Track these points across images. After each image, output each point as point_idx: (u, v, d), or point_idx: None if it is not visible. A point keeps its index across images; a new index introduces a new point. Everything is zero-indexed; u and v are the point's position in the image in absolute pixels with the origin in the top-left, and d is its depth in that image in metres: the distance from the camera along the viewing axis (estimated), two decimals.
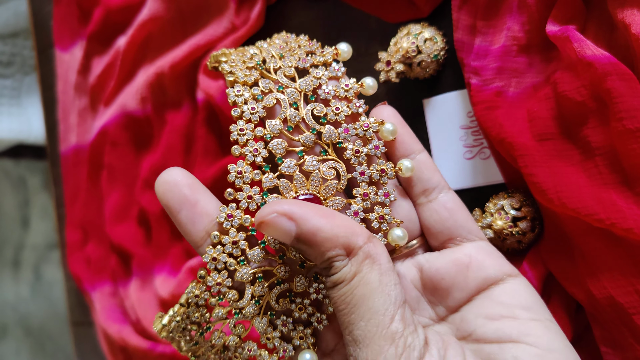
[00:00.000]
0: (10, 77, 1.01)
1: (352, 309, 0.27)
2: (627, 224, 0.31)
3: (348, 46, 0.35)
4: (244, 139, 0.32)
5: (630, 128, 0.31)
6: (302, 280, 0.32)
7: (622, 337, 0.34)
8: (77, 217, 0.68)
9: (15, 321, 1.58)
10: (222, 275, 0.31)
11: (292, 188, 0.32)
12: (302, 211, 0.28)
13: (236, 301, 0.31)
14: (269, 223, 0.28)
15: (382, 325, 0.27)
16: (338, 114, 0.33)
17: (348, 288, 0.28)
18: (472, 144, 0.42)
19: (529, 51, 0.38)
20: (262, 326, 0.32)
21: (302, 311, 0.32)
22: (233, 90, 0.32)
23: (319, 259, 0.29)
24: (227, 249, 0.31)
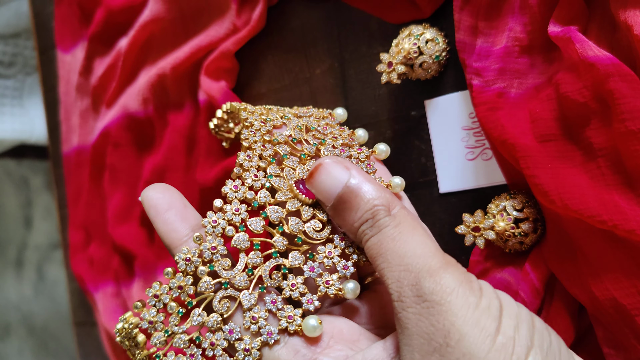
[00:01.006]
0: (12, 78, 1.01)
1: (402, 243, 0.28)
2: (630, 225, 0.31)
3: (344, 110, 0.42)
4: (254, 138, 0.34)
5: (632, 129, 0.31)
6: (297, 255, 0.32)
7: (624, 338, 0.34)
8: (79, 218, 0.68)
9: (18, 321, 1.59)
10: (218, 240, 0.31)
11: (295, 175, 0.33)
12: (354, 166, 0.31)
13: (227, 270, 0.31)
14: (327, 166, 0.31)
15: (439, 253, 0.28)
16: (335, 141, 0.36)
17: (394, 230, 0.29)
18: (474, 145, 0.41)
19: (531, 52, 0.38)
20: (249, 301, 0.31)
21: (295, 288, 0.31)
22: (246, 113, 0.37)
23: (363, 209, 0.30)
24: (227, 216, 0.31)
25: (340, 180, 0.30)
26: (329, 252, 0.32)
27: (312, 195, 0.33)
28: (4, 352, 1.62)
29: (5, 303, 1.61)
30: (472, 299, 0.25)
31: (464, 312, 0.25)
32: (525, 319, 0.26)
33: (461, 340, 0.24)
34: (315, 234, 0.32)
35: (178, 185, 0.56)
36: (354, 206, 0.30)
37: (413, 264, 0.27)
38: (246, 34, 0.51)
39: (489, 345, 0.24)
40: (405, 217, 0.29)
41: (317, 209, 0.33)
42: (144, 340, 0.31)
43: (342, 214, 0.31)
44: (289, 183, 0.33)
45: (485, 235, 0.38)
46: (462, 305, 0.25)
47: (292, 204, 0.32)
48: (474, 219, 0.38)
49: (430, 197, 0.44)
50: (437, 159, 0.43)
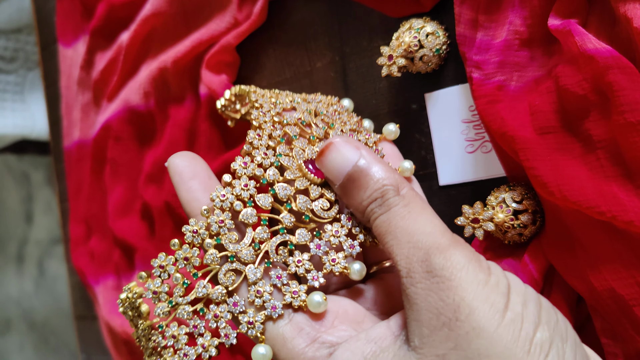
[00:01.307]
0: (14, 73, 1.01)
1: (411, 221, 0.28)
2: (628, 216, 0.31)
3: (350, 101, 0.43)
4: (264, 119, 0.35)
5: (631, 121, 0.31)
6: (304, 232, 0.32)
7: (622, 328, 0.34)
8: (80, 212, 0.68)
9: (19, 316, 1.59)
10: (225, 214, 0.31)
11: (303, 156, 0.34)
12: (363, 146, 0.32)
13: (234, 243, 0.31)
14: (337, 145, 0.31)
15: (448, 233, 0.28)
16: (343, 126, 0.37)
17: (403, 209, 0.29)
18: (473, 137, 0.42)
19: (531, 45, 0.38)
20: (255, 275, 0.31)
21: (301, 264, 0.31)
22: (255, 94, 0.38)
23: (372, 188, 0.30)
24: (236, 191, 0.32)
25: (350, 160, 0.31)
26: (335, 230, 0.32)
27: (320, 174, 0.33)
28: (5, 347, 1.62)
29: (6, 298, 1.61)
30: (482, 276, 0.26)
31: (474, 288, 0.25)
32: (533, 297, 0.26)
33: (471, 314, 0.25)
34: (322, 212, 0.32)
35: None
36: (363, 185, 0.30)
37: (422, 241, 0.27)
38: (247, 28, 0.51)
39: (499, 320, 0.24)
40: (414, 197, 0.30)
41: (325, 189, 0.33)
42: (147, 310, 0.32)
43: (351, 193, 0.31)
44: (297, 162, 0.33)
45: (484, 227, 0.38)
46: (472, 281, 0.25)
47: (300, 183, 0.33)
48: (473, 211, 0.38)
49: (430, 189, 0.44)
50: (437, 151, 0.43)
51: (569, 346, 0.25)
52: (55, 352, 1.51)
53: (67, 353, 1.48)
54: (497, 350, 0.24)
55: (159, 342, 0.31)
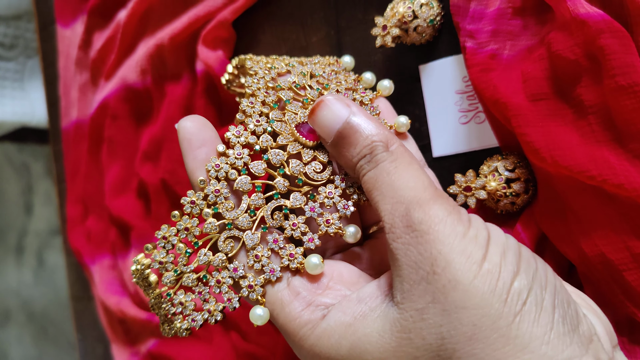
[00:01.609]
0: (13, 60, 1.01)
1: (396, 176, 0.29)
2: (618, 179, 0.32)
3: (351, 58, 0.42)
4: (257, 85, 0.35)
5: (623, 84, 0.31)
6: (298, 196, 0.32)
7: (613, 294, 0.34)
8: (77, 192, 0.68)
9: (18, 307, 1.59)
10: (221, 184, 0.32)
11: (297, 119, 0.34)
12: (354, 104, 0.32)
13: (230, 211, 0.32)
14: (327, 103, 0.31)
15: (431, 187, 0.28)
16: (339, 86, 0.36)
17: (390, 164, 0.29)
18: (467, 108, 0.42)
19: (523, 14, 0.38)
20: (252, 241, 0.32)
21: (295, 229, 0.32)
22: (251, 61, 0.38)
23: (361, 144, 0.30)
24: (230, 160, 0.32)
25: (340, 116, 0.31)
26: (329, 192, 0.32)
27: (312, 137, 0.33)
28: (4, 338, 1.62)
29: (5, 289, 1.61)
30: (460, 229, 0.26)
31: (451, 241, 0.25)
32: (513, 247, 0.26)
33: (447, 267, 0.25)
34: (315, 175, 0.33)
35: (175, 156, 0.56)
36: (352, 142, 0.30)
37: (404, 196, 0.28)
38: (243, 3, 0.51)
39: (475, 271, 0.25)
40: (402, 153, 0.30)
41: (318, 151, 0.33)
42: (155, 280, 0.32)
43: (342, 150, 0.31)
44: (290, 127, 0.33)
45: (476, 195, 0.38)
46: (449, 233, 0.26)
47: (293, 147, 0.33)
48: (466, 179, 0.38)
49: (424, 161, 0.44)
50: (430, 123, 0.43)
51: (548, 292, 0.25)
52: (54, 342, 1.51)
53: (66, 343, 1.48)
54: (474, 302, 0.24)
55: (168, 309, 0.32)
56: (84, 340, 0.73)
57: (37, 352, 1.55)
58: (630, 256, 0.33)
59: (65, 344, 1.48)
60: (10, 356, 1.60)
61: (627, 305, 0.33)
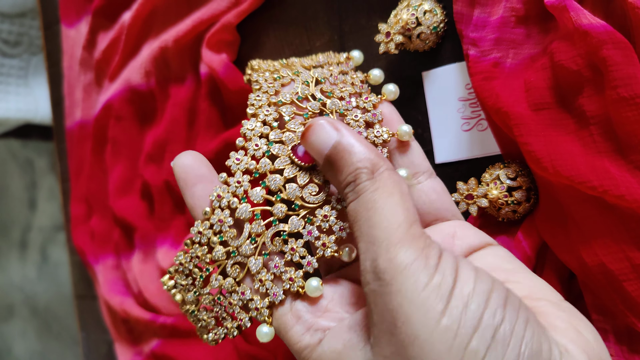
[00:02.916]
0: (18, 57, 1.02)
1: (373, 212, 0.28)
2: (619, 190, 0.32)
3: (360, 53, 0.41)
4: (259, 103, 0.35)
5: (624, 96, 0.32)
6: (296, 220, 0.33)
7: (612, 303, 0.34)
8: (81, 191, 0.69)
9: (21, 302, 1.60)
10: (224, 214, 0.33)
11: (295, 140, 0.34)
12: (345, 126, 0.31)
13: (234, 239, 0.33)
14: (316, 127, 0.31)
15: (403, 226, 0.27)
16: (343, 91, 0.37)
17: (371, 196, 0.29)
18: (469, 115, 0.42)
19: (527, 22, 0.38)
20: (256, 266, 0.33)
21: (294, 252, 0.33)
22: (256, 73, 0.38)
23: (346, 171, 0.30)
24: (231, 189, 0.33)
25: (328, 140, 0.31)
26: (324, 215, 0.33)
27: (307, 159, 0.33)
28: (8, 333, 1.63)
29: (9, 284, 1.62)
30: (423, 278, 0.25)
31: (411, 294, 0.25)
32: (480, 297, 0.25)
33: (406, 322, 0.24)
34: (311, 197, 0.33)
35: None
36: (339, 167, 0.30)
37: (377, 237, 0.27)
38: (247, 7, 0.52)
39: (433, 327, 0.24)
40: (386, 180, 0.29)
41: (314, 173, 0.33)
42: (180, 299, 0.36)
43: (331, 175, 0.31)
44: (288, 149, 0.34)
45: (478, 203, 0.38)
46: (411, 285, 0.25)
47: (289, 170, 0.33)
48: (468, 187, 0.38)
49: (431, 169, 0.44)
50: (433, 130, 0.43)
51: (510, 348, 0.24)
52: (58, 337, 1.52)
53: (69, 339, 1.49)
54: (431, 359, 0.24)
55: (196, 323, 0.36)
56: (88, 339, 0.74)
57: (41, 347, 1.56)
58: (631, 267, 0.33)
59: (68, 339, 1.49)
60: (14, 351, 1.61)
61: (626, 315, 0.33)
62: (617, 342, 0.35)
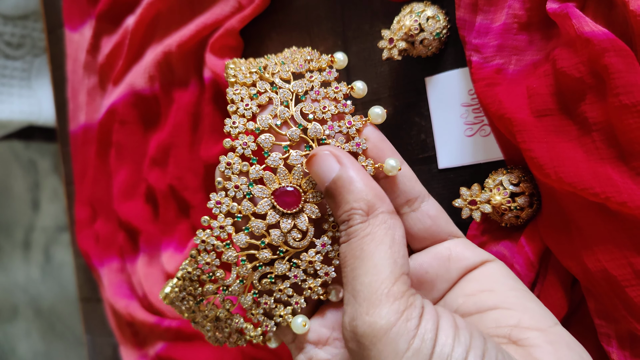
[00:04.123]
0: (21, 59, 1.02)
1: (359, 262, 0.28)
2: (622, 197, 0.32)
3: (344, 55, 0.37)
4: (235, 131, 0.34)
5: (626, 103, 0.32)
6: (282, 265, 0.33)
7: (615, 309, 0.34)
8: (86, 195, 0.69)
9: (25, 302, 1.61)
10: (210, 256, 0.33)
11: (275, 180, 0.33)
12: (348, 160, 0.31)
13: (223, 280, 0.34)
14: (319, 157, 0.31)
15: (386, 283, 0.27)
16: (325, 112, 0.34)
17: (360, 243, 0.28)
18: (472, 121, 0.42)
19: (529, 29, 0.38)
20: (246, 302, 0.34)
21: (282, 293, 0.34)
22: (232, 89, 0.34)
23: (342, 209, 0.30)
24: (215, 232, 0.33)
25: (329, 173, 0.30)
26: (310, 261, 0.33)
27: (288, 205, 0.33)
28: (12, 333, 1.64)
29: (12, 285, 1.63)
30: (402, 345, 0.25)
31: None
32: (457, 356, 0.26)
33: None
34: (295, 243, 0.33)
35: (183, 162, 0.57)
36: (337, 203, 0.30)
37: (360, 292, 0.27)
38: (251, 12, 0.52)
39: None
40: (379, 226, 0.29)
41: (297, 218, 0.33)
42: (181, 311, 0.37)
43: (331, 207, 0.31)
44: (269, 192, 0.33)
45: (481, 209, 0.38)
46: (389, 353, 0.25)
47: (271, 216, 0.33)
48: (471, 193, 0.39)
49: (429, 173, 0.44)
50: (436, 135, 0.44)
51: None
52: (61, 338, 1.53)
53: (73, 339, 1.49)
54: None
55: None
56: (93, 342, 0.74)
57: (45, 347, 1.56)
58: (633, 272, 0.33)
59: (72, 339, 1.50)
60: (18, 351, 1.61)
61: (629, 321, 0.34)
62: (620, 347, 0.35)
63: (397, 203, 0.34)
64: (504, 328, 0.29)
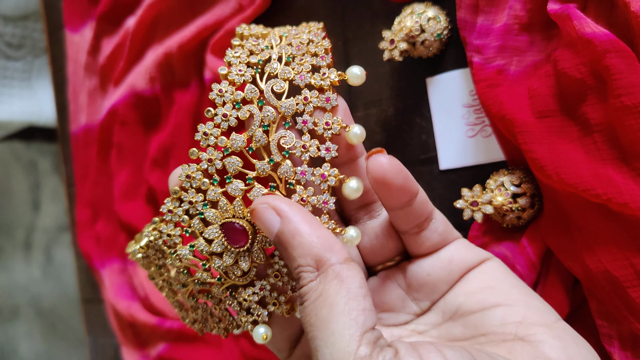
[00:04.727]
0: (21, 60, 1.02)
1: (315, 332, 0.26)
2: (623, 198, 0.32)
3: (361, 70, 0.32)
4: (205, 143, 0.31)
5: (628, 104, 0.32)
6: (219, 289, 0.33)
7: (616, 310, 0.34)
8: (87, 196, 0.69)
9: (26, 303, 1.61)
10: (157, 254, 0.34)
11: (229, 210, 0.31)
12: (290, 211, 0.28)
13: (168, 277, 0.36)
14: (257, 212, 0.29)
15: (347, 352, 0.25)
16: (304, 152, 0.31)
17: (312, 308, 0.26)
18: (474, 122, 0.42)
19: (530, 30, 0.38)
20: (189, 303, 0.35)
21: (217, 309, 0.34)
22: (218, 86, 0.32)
23: (292, 265, 0.28)
24: (163, 237, 0.32)
25: (272, 227, 0.28)
26: (245, 298, 0.32)
27: (236, 242, 0.31)
28: (13, 334, 1.64)
29: (14, 285, 1.63)
30: None
31: None
32: None
33: None
34: (235, 277, 0.32)
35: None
36: (287, 257, 0.28)
37: (324, 354, 0.25)
38: (251, 13, 0.52)
39: None
40: (330, 282, 0.27)
41: (241, 256, 0.31)
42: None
43: (284, 259, 0.29)
44: (221, 219, 0.31)
45: (483, 210, 0.38)
46: None
47: (216, 245, 0.31)
48: (473, 194, 0.39)
49: (431, 173, 0.44)
50: (437, 136, 0.44)
51: None
52: (63, 338, 1.53)
53: (75, 339, 1.49)
54: None
55: None
56: (95, 343, 0.74)
57: (47, 347, 1.56)
58: (634, 273, 0.33)
59: (74, 339, 1.50)
60: (19, 352, 1.61)
61: (631, 321, 0.34)
62: (622, 348, 0.35)
63: (410, 225, 0.33)
64: (509, 325, 0.30)
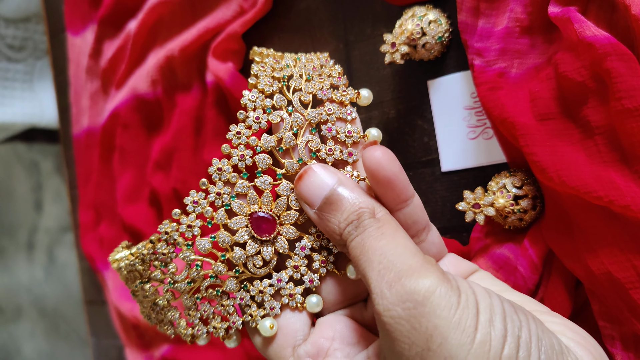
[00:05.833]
0: (23, 62, 1.02)
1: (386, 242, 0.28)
2: (625, 200, 0.32)
3: (369, 92, 0.36)
4: (237, 141, 0.33)
5: (629, 107, 0.32)
6: (233, 283, 0.33)
7: (619, 311, 0.34)
8: (89, 198, 0.69)
9: (29, 303, 1.61)
10: (169, 249, 0.33)
11: (257, 202, 0.33)
12: (341, 173, 0.32)
13: (174, 274, 0.33)
14: (315, 171, 0.32)
15: (419, 254, 0.28)
16: (329, 155, 0.34)
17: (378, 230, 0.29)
18: (475, 124, 0.42)
19: (531, 33, 0.38)
20: (187, 303, 0.34)
21: (223, 309, 0.34)
22: (249, 93, 0.34)
23: (348, 211, 0.30)
24: (181, 229, 0.33)
25: (327, 184, 0.31)
26: (260, 290, 0.33)
27: (262, 232, 0.33)
28: (16, 334, 1.64)
29: (16, 286, 1.63)
30: (454, 298, 0.25)
31: (447, 313, 0.25)
32: (498, 308, 0.26)
33: (443, 343, 0.24)
34: (254, 269, 0.33)
35: (186, 166, 0.57)
36: (340, 208, 0.31)
37: (394, 262, 0.27)
38: (253, 16, 0.52)
39: (469, 345, 0.24)
40: (388, 220, 0.30)
41: (264, 246, 0.33)
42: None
43: (328, 216, 0.31)
44: (248, 210, 0.33)
45: (485, 212, 0.38)
46: (445, 305, 0.25)
47: (241, 235, 0.33)
48: (475, 196, 0.39)
49: (433, 175, 0.44)
50: (439, 138, 0.44)
51: (533, 346, 0.25)
52: (66, 338, 1.53)
53: (77, 339, 1.49)
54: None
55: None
56: (98, 344, 0.75)
57: (49, 347, 1.57)
58: (637, 275, 0.33)
59: (77, 339, 1.50)
60: (23, 352, 1.62)
61: (633, 323, 0.34)
62: (624, 349, 0.35)
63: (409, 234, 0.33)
64: None
